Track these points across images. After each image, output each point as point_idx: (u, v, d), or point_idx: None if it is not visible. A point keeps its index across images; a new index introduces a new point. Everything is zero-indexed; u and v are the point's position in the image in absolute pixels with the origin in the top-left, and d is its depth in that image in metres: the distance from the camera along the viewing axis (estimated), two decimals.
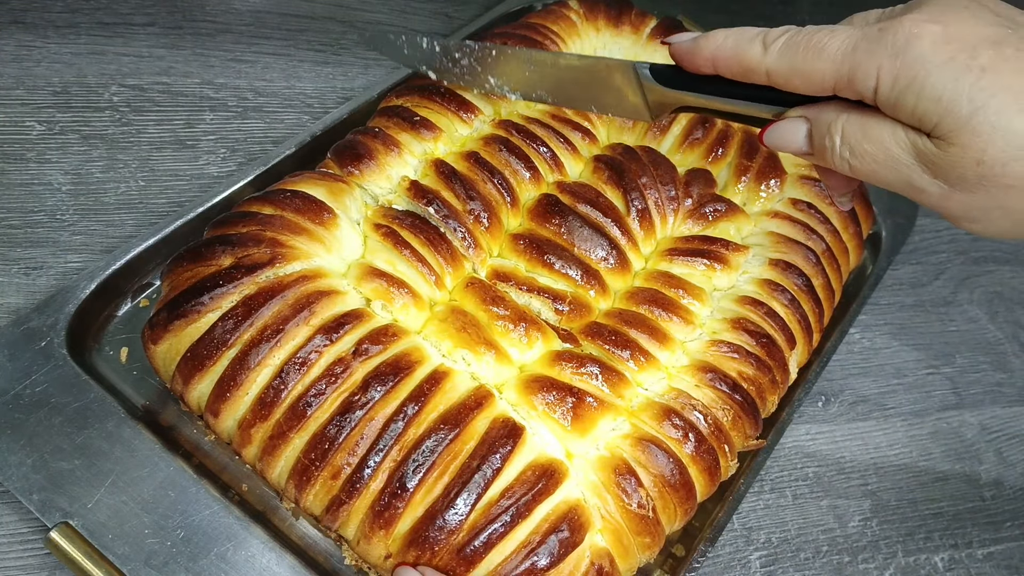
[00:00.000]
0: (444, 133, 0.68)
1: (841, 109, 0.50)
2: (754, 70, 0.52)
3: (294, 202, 0.59)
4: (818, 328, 0.70)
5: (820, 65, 0.49)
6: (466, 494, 0.50)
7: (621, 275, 0.65)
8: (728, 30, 0.53)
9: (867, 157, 0.49)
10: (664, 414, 0.57)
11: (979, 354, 0.89)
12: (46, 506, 0.51)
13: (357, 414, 0.51)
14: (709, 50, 0.53)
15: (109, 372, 0.60)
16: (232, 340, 0.52)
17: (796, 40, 0.50)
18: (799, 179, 0.76)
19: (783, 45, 0.50)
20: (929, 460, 0.78)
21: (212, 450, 0.59)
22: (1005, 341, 0.91)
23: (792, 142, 0.53)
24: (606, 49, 0.84)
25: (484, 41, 0.74)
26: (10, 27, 0.78)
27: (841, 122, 0.50)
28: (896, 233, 0.88)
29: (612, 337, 0.60)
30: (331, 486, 0.51)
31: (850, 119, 0.50)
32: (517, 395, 0.56)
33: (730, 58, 0.53)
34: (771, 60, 0.51)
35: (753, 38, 0.52)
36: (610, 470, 0.54)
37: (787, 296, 0.67)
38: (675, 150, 0.76)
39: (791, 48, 0.50)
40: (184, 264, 0.56)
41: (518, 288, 0.61)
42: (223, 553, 0.52)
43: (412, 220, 0.61)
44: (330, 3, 0.94)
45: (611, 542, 0.54)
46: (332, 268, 0.58)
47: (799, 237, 0.71)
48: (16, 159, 0.71)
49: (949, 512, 0.75)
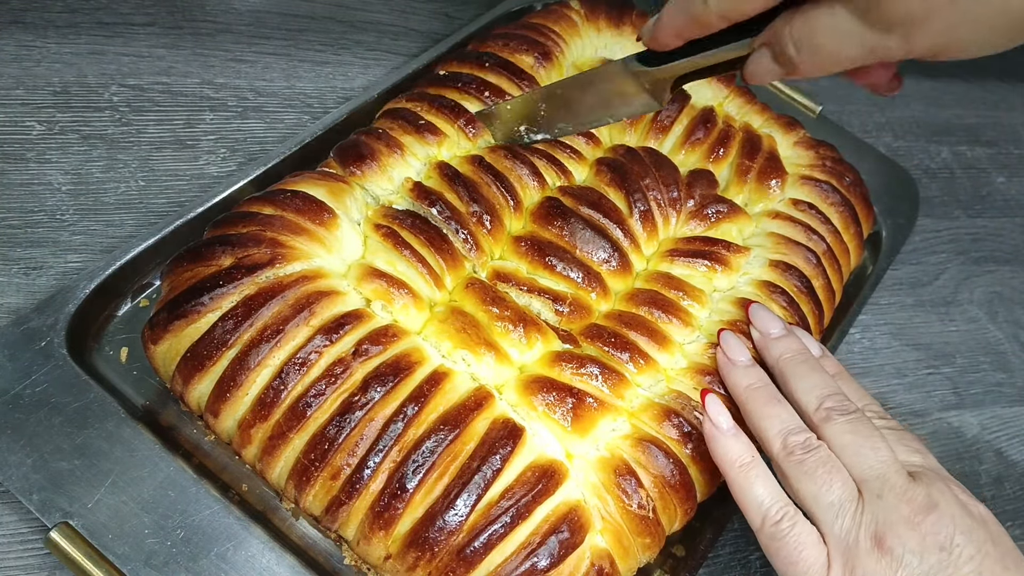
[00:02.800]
0: (448, 139, 0.68)
1: (785, 20, 0.52)
2: (709, 23, 0.54)
3: (294, 202, 0.59)
4: (818, 330, 0.70)
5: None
6: (466, 495, 0.50)
7: (622, 277, 0.65)
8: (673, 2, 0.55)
9: (824, 49, 0.51)
10: (664, 415, 0.57)
11: (979, 354, 0.89)
12: (46, 506, 0.51)
13: (357, 415, 0.51)
14: (669, 26, 0.56)
15: (109, 372, 0.60)
16: (232, 340, 0.52)
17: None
18: (800, 179, 0.76)
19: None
20: None
21: (212, 450, 0.59)
22: (1005, 341, 0.91)
23: (766, 71, 0.54)
24: (607, 49, 0.83)
25: (484, 54, 0.74)
26: (10, 27, 0.78)
27: (788, 30, 0.51)
28: (896, 233, 0.88)
29: (612, 339, 0.60)
30: (331, 486, 0.51)
31: (794, 23, 0.51)
32: (517, 396, 0.56)
33: (685, 24, 0.55)
34: (714, 6, 0.53)
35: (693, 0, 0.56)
36: (610, 471, 0.54)
37: (785, 298, 0.67)
38: (676, 150, 0.76)
39: None
40: (184, 264, 0.56)
41: (518, 289, 0.61)
42: (223, 553, 0.52)
43: (413, 220, 0.61)
44: (330, 3, 0.94)
45: (611, 543, 0.54)
46: (332, 268, 0.58)
47: (800, 238, 0.71)
48: (16, 159, 0.71)
49: None
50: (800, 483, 0.53)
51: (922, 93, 1.16)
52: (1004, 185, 1.08)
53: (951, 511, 0.50)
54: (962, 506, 0.51)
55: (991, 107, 1.19)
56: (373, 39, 0.92)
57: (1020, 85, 1.24)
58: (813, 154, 0.80)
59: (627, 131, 0.76)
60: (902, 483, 0.51)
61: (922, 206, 0.99)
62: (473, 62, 0.74)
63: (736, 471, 0.54)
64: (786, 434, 0.55)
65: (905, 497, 0.50)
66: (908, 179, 0.94)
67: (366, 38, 0.92)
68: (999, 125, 1.17)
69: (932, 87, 1.18)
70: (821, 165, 0.78)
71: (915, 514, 0.50)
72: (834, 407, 0.55)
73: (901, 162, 1.03)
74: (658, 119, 0.76)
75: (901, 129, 1.10)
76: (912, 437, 0.57)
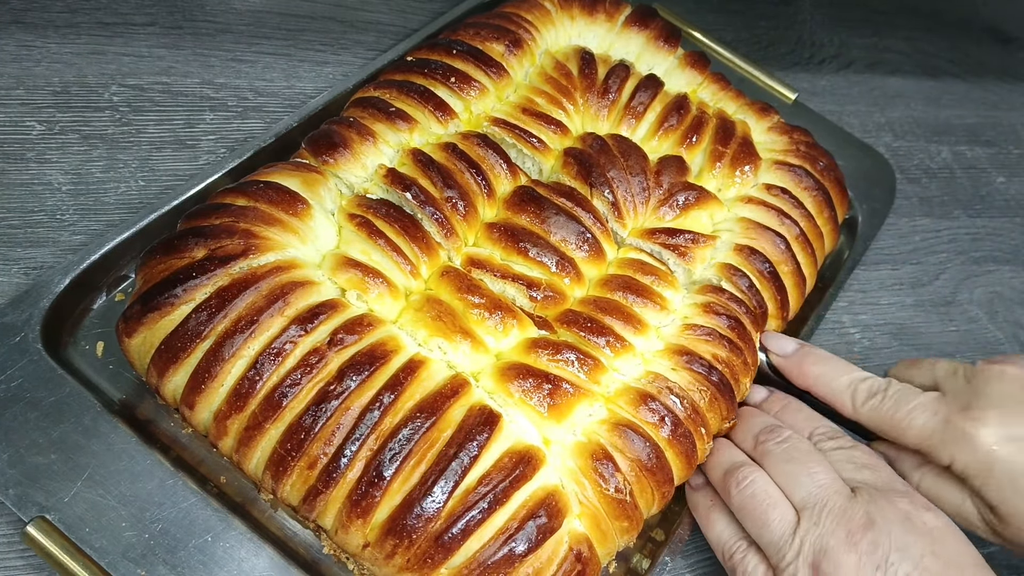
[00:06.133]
0: (419, 125, 0.68)
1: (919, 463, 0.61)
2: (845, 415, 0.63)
3: (267, 193, 0.58)
4: (779, 315, 0.71)
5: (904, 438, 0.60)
6: (443, 482, 0.50)
7: (595, 263, 0.65)
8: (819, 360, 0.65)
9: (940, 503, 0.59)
10: (640, 399, 0.57)
11: (979, 354, 0.89)
12: (22, 501, 0.51)
13: (333, 404, 0.51)
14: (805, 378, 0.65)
15: (85, 366, 0.60)
16: (206, 332, 0.52)
17: (883, 409, 0.61)
18: (774, 164, 0.77)
19: (870, 410, 0.62)
20: None
21: (190, 443, 0.59)
22: (1005, 341, 0.92)
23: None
24: (581, 38, 0.84)
25: (460, 39, 0.74)
26: (10, 27, 0.78)
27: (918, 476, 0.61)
28: (872, 218, 0.89)
29: (587, 324, 0.60)
30: (308, 476, 0.51)
31: (925, 476, 0.61)
32: (493, 383, 0.56)
33: (824, 396, 0.64)
34: (861, 417, 0.62)
35: (843, 390, 0.63)
36: (587, 455, 0.55)
37: (746, 282, 0.67)
38: (650, 137, 0.76)
39: (877, 414, 0.61)
40: (157, 257, 0.56)
41: (493, 275, 0.62)
42: (202, 545, 0.52)
43: (387, 209, 0.61)
44: (330, 3, 0.94)
45: (589, 527, 0.54)
46: (306, 259, 0.58)
47: (772, 223, 0.72)
48: (16, 159, 0.70)
49: None
50: (743, 522, 0.57)
51: (922, 93, 1.17)
52: (1004, 185, 1.09)
53: (888, 528, 0.52)
54: (903, 519, 0.52)
55: (991, 107, 1.19)
56: (373, 39, 0.92)
57: (1020, 85, 1.24)
58: (787, 139, 0.80)
59: (600, 118, 0.76)
60: (841, 503, 0.53)
61: (922, 206, 1.00)
62: (442, 49, 0.74)
63: (700, 516, 0.61)
64: (723, 471, 0.59)
65: (843, 518, 0.52)
66: (884, 164, 0.95)
67: (366, 38, 0.92)
68: (999, 125, 1.17)
69: (932, 87, 1.18)
70: (795, 150, 0.79)
71: (852, 534, 0.52)
72: (767, 439, 0.59)
73: (901, 162, 1.03)
74: (631, 105, 0.76)
75: (901, 129, 1.10)
76: (863, 452, 0.59)
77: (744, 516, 0.56)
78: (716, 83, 0.84)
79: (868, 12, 1.24)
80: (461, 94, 0.71)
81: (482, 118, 0.71)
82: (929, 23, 1.26)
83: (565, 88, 0.75)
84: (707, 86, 0.83)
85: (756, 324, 0.66)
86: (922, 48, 1.23)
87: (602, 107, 0.76)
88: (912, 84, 1.16)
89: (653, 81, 0.79)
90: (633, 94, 0.77)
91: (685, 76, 0.83)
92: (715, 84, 0.83)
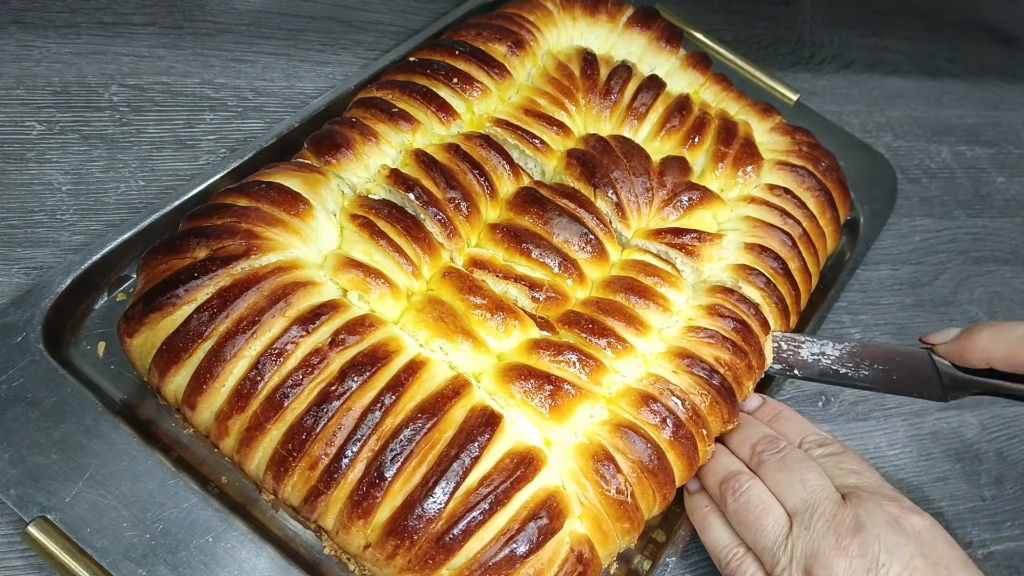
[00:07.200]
0: (422, 126, 0.68)
1: None
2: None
3: (269, 193, 0.58)
4: (795, 311, 0.71)
5: None
6: (444, 483, 0.50)
7: (598, 264, 0.65)
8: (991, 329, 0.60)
9: None
10: (642, 400, 0.57)
11: None
12: (24, 501, 0.51)
13: (334, 404, 0.51)
14: (979, 351, 0.61)
15: (86, 366, 0.60)
16: (208, 332, 0.52)
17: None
18: (776, 164, 0.77)
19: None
20: (929, 460, 0.79)
21: (191, 443, 0.59)
22: None
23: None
24: (583, 39, 0.84)
25: (462, 39, 0.74)
26: (10, 27, 0.78)
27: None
28: (873, 219, 0.89)
29: (589, 325, 0.60)
30: (309, 476, 0.51)
31: None
32: (495, 384, 0.56)
33: (1005, 359, 0.60)
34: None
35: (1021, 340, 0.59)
36: (588, 457, 0.55)
37: (763, 279, 0.67)
38: (652, 138, 0.76)
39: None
40: (159, 257, 0.56)
41: (495, 276, 0.62)
42: (203, 545, 0.52)
43: (389, 210, 0.61)
44: (330, 3, 0.94)
45: (590, 528, 0.54)
46: (308, 259, 0.58)
47: (775, 221, 0.72)
48: (16, 159, 0.70)
49: (949, 512, 0.75)
50: (738, 528, 0.57)
51: (922, 93, 1.16)
52: (1004, 185, 1.09)
53: (877, 530, 0.53)
54: (892, 522, 0.53)
55: (991, 107, 1.19)
56: (373, 39, 0.92)
57: (1020, 85, 1.24)
58: (789, 140, 0.80)
59: (602, 119, 0.76)
60: (831, 508, 0.54)
61: (922, 206, 0.99)
62: (444, 50, 0.74)
63: (697, 522, 0.60)
64: (720, 479, 0.59)
65: (833, 523, 0.53)
66: (885, 165, 0.95)
67: (366, 38, 0.92)
68: (999, 125, 1.17)
69: (932, 87, 1.18)
70: (797, 150, 0.79)
71: (842, 538, 0.53)
72: (764, 449, 0.60)
73: (901, 162, 1.03)
74: (633, 106, 0.76)
75: (901, 129, 1.10)
76: (851, 458, 0.60)
77: (739, 522, 0.57)
78: (718, 84, 0.84)
79: (868, 12, 1.24)
80: (464, 95, 0.71)
81: (484, 119, 0.71)
82: (929, 23, 1.26)
83: (567, 89, 0.75)
84: (709, 87, 0.83)
85: (764, 327, 0.66)
86: (922, 48, 1.23)
87: (604, 108, 0.76)
88: (912, 84, 1.16)
89: (655, 82, 0.79)
90: (635, 95, 0.77)
91: (687, 77, 0.83)
92: (717, 85, 0.83)
